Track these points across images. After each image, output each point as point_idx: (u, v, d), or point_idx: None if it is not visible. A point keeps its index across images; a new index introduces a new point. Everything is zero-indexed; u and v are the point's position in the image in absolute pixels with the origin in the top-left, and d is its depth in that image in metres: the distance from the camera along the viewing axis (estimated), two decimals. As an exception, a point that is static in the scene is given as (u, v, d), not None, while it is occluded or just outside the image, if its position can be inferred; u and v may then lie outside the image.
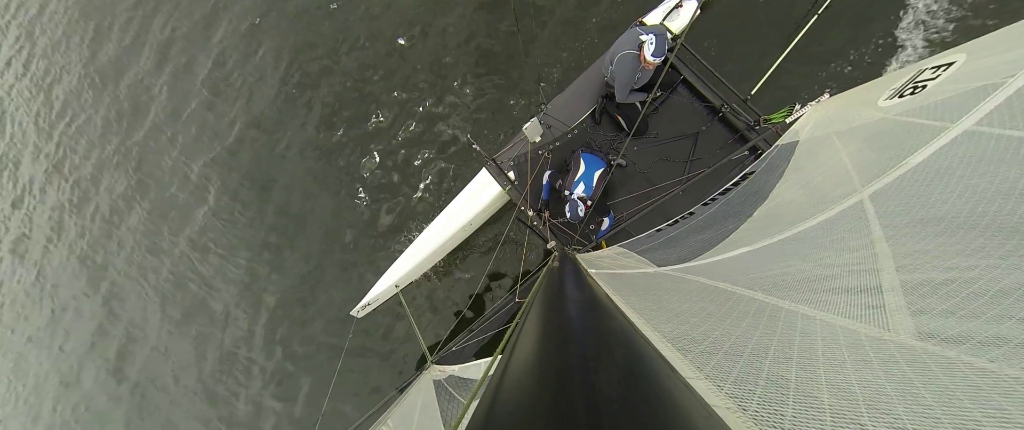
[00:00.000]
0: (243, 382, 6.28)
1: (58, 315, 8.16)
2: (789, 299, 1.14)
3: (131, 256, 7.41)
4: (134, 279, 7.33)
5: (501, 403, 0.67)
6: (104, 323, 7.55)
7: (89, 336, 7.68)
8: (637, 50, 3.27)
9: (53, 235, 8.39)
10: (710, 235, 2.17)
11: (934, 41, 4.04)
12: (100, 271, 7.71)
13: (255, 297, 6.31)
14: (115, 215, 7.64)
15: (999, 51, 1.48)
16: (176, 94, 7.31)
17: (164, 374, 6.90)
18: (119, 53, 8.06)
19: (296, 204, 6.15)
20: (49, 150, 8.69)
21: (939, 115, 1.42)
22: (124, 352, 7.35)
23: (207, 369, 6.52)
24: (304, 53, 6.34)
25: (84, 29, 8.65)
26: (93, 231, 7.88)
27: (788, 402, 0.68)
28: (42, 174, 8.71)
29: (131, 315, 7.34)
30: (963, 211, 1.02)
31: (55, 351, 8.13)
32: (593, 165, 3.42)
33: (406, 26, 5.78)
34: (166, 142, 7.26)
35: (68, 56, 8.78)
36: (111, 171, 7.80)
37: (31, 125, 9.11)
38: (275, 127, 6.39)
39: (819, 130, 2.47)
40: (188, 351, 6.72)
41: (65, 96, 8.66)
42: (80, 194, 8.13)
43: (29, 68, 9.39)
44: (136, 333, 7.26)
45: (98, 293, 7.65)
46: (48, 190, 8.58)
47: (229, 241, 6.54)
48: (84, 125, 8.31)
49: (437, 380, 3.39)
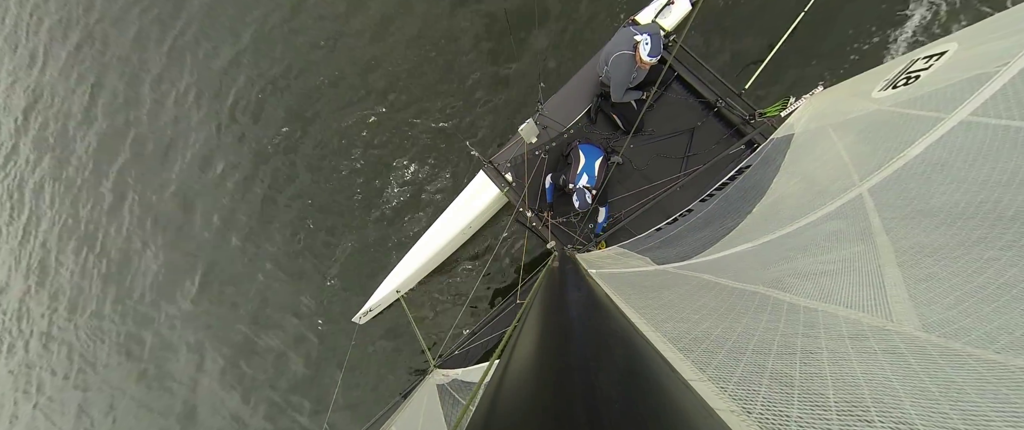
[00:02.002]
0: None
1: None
2: (791, 292, 1.13)
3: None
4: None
5: (501, 403, 0.67)
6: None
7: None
8: (632, 50, 3.27)
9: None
10: (710, 233, 2.17)
11: (934, 33, 4.05)
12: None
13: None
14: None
15: (990, 39, 1.48)
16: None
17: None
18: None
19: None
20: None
21: (934, 106, 1.42)
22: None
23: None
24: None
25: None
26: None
27: (793, 402, 0.67)
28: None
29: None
30: (962, 202, 1.02)
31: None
32: (592, 155, 3.48)
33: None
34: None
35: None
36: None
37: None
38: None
39: (814, 123, 2.47)
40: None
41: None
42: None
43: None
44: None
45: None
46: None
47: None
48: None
49: (441, 384, 3.37)
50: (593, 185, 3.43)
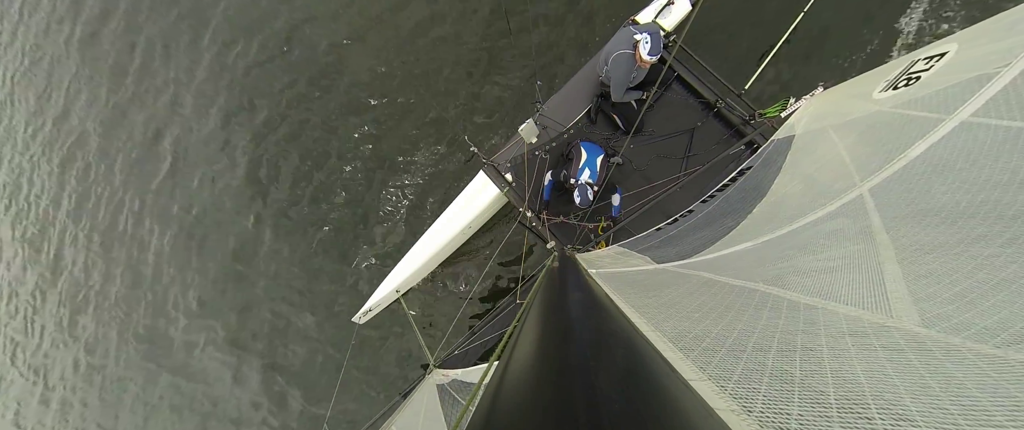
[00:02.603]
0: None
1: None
2: (791, 290, 1.13)
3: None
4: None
5: (501, 403, 0.67)
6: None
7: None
8: (632, 49, 3.28)
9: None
10: (710, 232, 2.17)
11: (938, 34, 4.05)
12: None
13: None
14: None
15: (990, 40, 1.48)
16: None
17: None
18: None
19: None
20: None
21: (934, 107, 1.42)
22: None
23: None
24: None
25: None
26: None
27: (794, 400, 0.67)
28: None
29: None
30: (963, 201, 1.02)
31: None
32: (594, 152, 3.49)
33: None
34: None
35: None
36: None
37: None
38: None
39: (815, 124, 2.47)
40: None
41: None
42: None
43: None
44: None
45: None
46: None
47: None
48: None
49: (441, 384, 3.37)
50: (595, 181, 3.43)
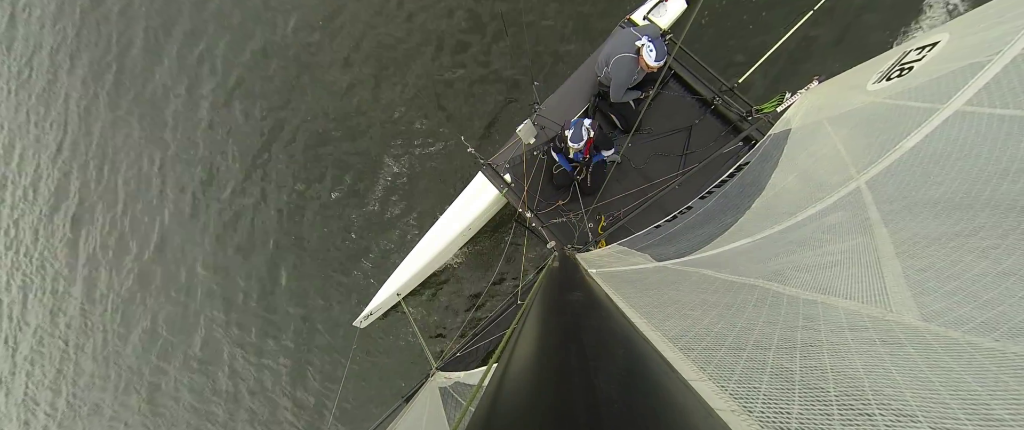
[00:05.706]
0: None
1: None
2: (791, 285, 1.13)
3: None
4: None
5: (502, 403, 0.66)
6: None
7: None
8: (634, 53, 3.27)
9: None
10: (709, 229, 2.16)
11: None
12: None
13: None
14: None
15: (981, 29, 1.48)
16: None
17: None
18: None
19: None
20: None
21: (928, 97, 1.42)
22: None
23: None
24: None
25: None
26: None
27: (794, 398, 0.66)
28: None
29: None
30: (959, 192, 1.02)
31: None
32: (579, 118, 3.41)
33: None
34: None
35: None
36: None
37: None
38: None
39: (810, 117, 2.47)
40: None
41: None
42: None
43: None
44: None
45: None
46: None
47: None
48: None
49: (443, 387, 3.36)
50: (591, 125, 3.29)
